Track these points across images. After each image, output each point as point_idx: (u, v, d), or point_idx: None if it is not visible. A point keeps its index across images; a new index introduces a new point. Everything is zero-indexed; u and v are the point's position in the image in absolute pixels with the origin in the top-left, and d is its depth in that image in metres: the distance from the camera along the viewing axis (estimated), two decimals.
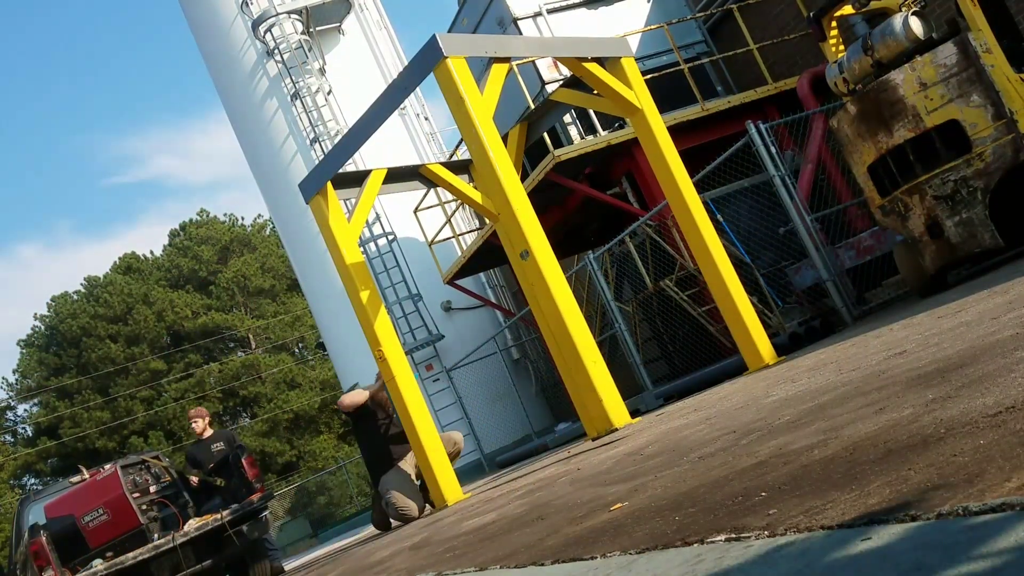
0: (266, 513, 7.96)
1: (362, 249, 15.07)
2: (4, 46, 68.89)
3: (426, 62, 5.79)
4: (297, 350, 41.97)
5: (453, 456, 6.81)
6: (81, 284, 41.25)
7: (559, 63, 9.86)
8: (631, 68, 6.83)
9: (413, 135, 16.97)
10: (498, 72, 5.98)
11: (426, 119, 17.72)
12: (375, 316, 6.47)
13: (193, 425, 8.75)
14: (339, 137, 13.59)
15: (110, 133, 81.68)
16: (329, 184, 6.67)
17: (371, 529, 11.42)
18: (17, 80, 70.38)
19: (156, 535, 6.73)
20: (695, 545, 1.48)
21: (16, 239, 75.67)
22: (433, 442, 6.35)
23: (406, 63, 6.74)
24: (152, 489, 7.23)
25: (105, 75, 76.57)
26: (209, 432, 8.69)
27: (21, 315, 60.62)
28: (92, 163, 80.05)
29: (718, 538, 1.45)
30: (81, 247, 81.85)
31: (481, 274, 16.12)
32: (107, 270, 41.77)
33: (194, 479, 7.98)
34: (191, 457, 8.54)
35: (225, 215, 44.84)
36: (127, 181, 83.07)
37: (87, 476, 7.34)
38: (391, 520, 6.79)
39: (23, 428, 39.65)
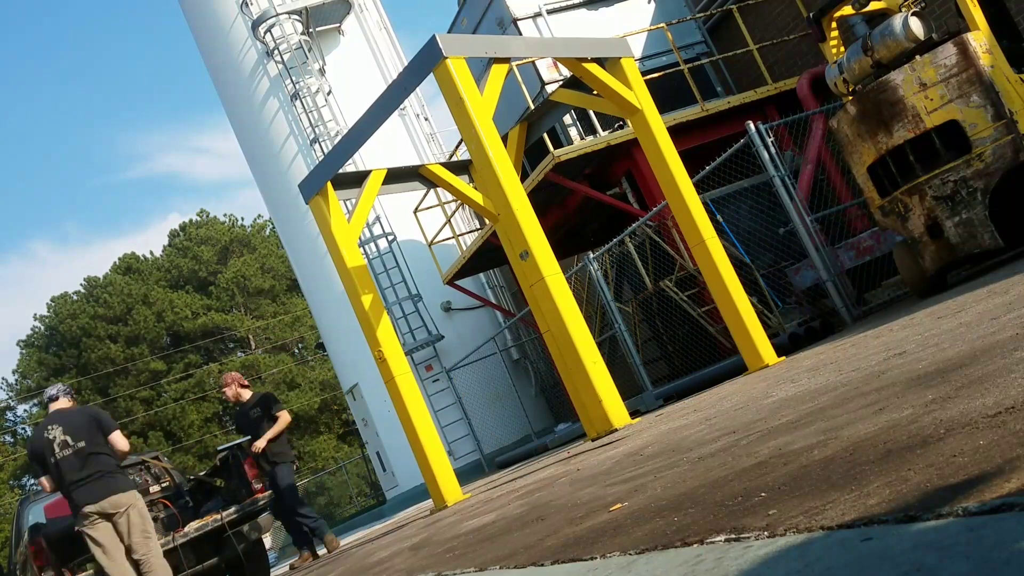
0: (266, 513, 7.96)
1: (362, 250, 15.08)
2: (19, 48, 68.95)
3: (426, 63, 5.79)
4: (297, 351, 41.97)
5: None
6: (81, 284, 41.29)
7: (559, 63, 9.86)
8: (631, 68, 6.83)
9: (413, 135, 16.97)
10: (498, 72, 5.98)
11: (426, 119, 17.72)
12: (375, 317, 6.47)
13: (225, 392, 8.35)
14: (339, 137, 13.59)
15: (119, 132, 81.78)
16: (329, 184, 6.67)
17: (371, 530, 11.42)
18: (28, 80, 70.51)
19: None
20: (695, 546, 1.48)
21: (27, 237, 75.89)
22: (433, 442, 6.35)
23: (406, 63, 6.75)
24: (152, 490, 7.22)
25: (117, 76, 76.66)
26: (247, 396, 8.34)
27: (30, 314, 60.83)
28: (102, 162, 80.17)
29: (718, 538, 1.45)
30: (92, 246, 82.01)
31: (481, 275, 16.11)
32: (107, 270, 41.83)
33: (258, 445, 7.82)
34: (236, 423, 8.32)
35: (225, 215, 44.91)
36: (138, 180, 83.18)
37: None
38: None
39: (23, 428, 39.65)
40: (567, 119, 10.49)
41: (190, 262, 41.10)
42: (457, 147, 13.52)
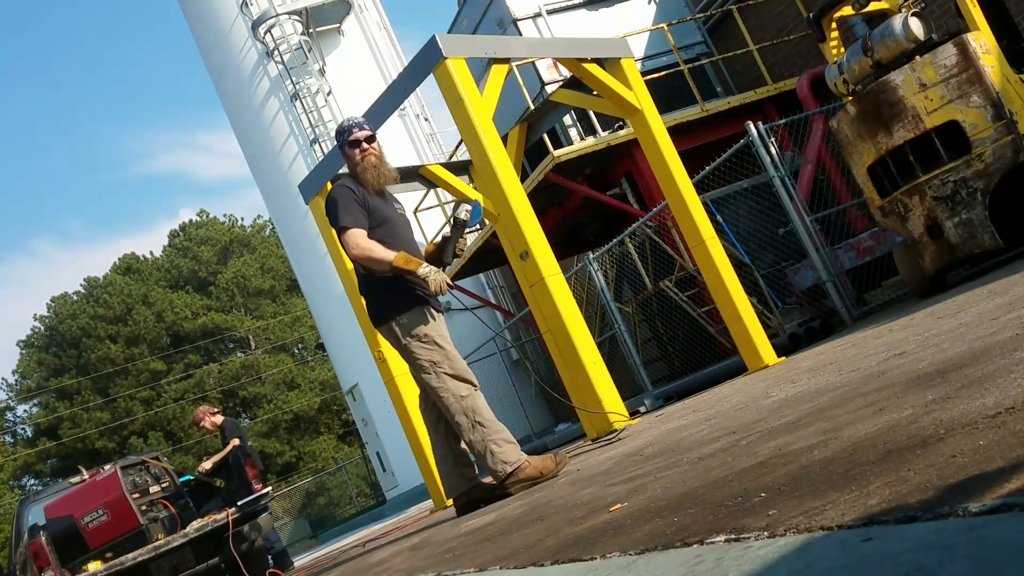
0: (266, 513, 7.97)
1: None
2: (22, 47, 68.97)
3: (426, 63, 5.79)
4: (297, 351, 41.98)
5: None
6: (81, 285, 41.29)
7: (559, 64, 9.86)
8: (631, 69, 6.83)
9: (413, 135, 16.97)
10: (498, 73, 5.98)
11: (426, 120, 17.72)
12: None
13: (204, 426, 8.95)
14: None
15: (123, 130, 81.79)
16: (329, 185, 6.67)
17: (371, 529, 11.41)
18: (31, 79, 70.57)
19: (156, 536, 6.72)
20: (695, 546, 1.48)
21: (30, 236, 75.98)
22: None
23: (406, 64, 6.75)
24: (152, 490, 7.22)
25: (119, 75, 76.70)
26: (220, 420, 8.94)
27: (30, 314, 60.95)
28: (106, 161, 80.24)
29: (718, 539, 1.45)
30: (96, 245, 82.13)
31: (481, 275, 16.12)
32: (107, 271, 41.83)
33: (205, 466, 8.40)
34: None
35: (225, 216, 44.91)
36: (142, 179, 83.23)
37: (87, 477, 7.33)
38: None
39: (23, 429, 39.65)
40: (567, 119, 10.48)
41: (190, 262, 41.09)
42: (457, 147, 13.53)
